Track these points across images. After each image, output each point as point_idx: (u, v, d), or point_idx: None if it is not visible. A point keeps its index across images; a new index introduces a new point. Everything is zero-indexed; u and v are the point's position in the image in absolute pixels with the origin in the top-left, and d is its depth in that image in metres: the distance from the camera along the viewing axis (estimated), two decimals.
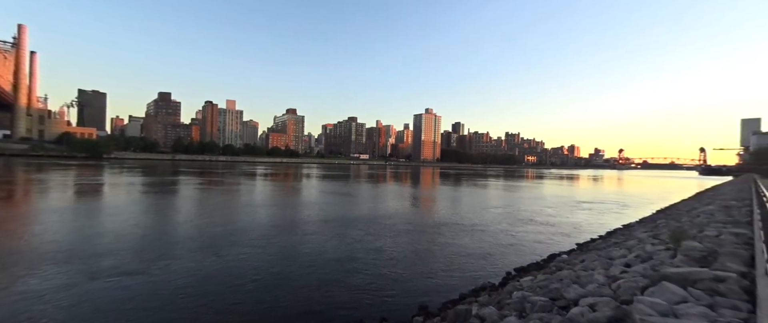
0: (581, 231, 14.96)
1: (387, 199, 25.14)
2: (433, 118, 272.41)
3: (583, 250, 11.24)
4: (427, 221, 16.57)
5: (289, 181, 41.93)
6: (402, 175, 67.91)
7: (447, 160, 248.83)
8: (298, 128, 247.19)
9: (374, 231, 13.53)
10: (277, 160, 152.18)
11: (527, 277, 7.97)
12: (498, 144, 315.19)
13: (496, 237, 13.25)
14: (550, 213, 20.57)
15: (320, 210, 18.86)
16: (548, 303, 4.88)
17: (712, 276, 4.19)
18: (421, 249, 11.25)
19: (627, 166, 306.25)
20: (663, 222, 13.22)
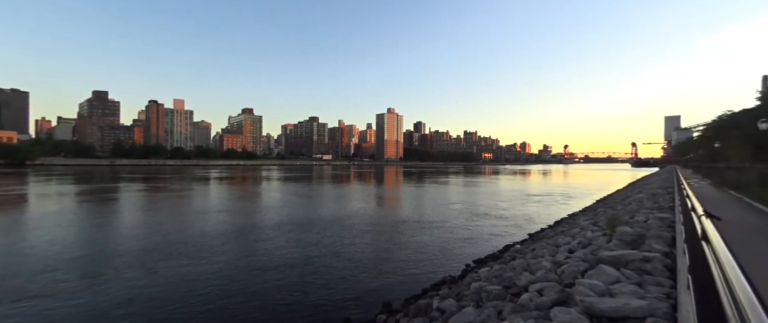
0: (532, 223, 16.00)
1: (348, 200, 24.92)
2: (396, 117, 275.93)
3: (534, 240, 12.02)
4: (389, 220, 16.66)
5: (245, 185, 39.96)
6: (365, 175, 67.91)
7: (410, 159, 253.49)
8: (255, 129, 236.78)
9: (334, 233, 13.25)
10: (233, 162, 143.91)
11: (484, 268, 8.34)
12: (457, 142, 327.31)
13: (455, 232, 13.73)
14: (505, 206, 21.77)
15: (277, 213, 18.02)
16: (502, 291, 5.13)
17: (641, 257, 4.69)
18: (384, 248, 11.30)
19: (571, 161, 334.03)
20: (602, 211, 14.59)
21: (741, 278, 1.00)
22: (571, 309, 3.12)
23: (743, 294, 0.88)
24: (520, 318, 3.29)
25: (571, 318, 2.90)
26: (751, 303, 0.80)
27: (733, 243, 5.43)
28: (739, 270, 1.11)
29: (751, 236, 6.66)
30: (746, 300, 0.84)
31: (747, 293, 0.89)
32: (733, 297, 0.93)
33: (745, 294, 0.87)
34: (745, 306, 0.82)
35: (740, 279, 1.00)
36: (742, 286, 0.93)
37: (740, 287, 0.93)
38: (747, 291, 0.90)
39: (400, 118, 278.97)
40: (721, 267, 1.18)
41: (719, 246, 1.46)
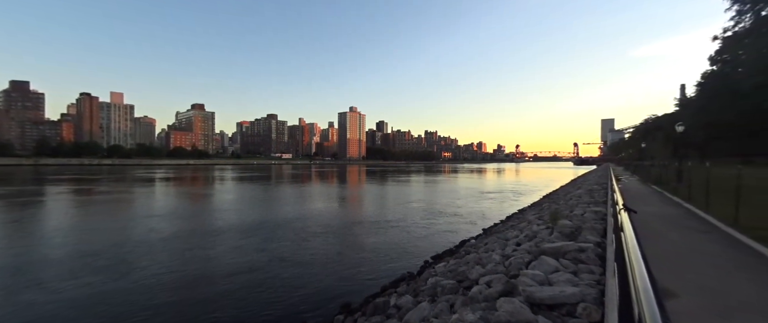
0: (486, 218, 16.85)
1: (307, 200, 24.29)
2: (358, 116, 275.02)
3: (487, 234, 12.65)
4: (349, 220, 16.46)
5: (193, 186, 37.27)
6: (327, 174, 66.83)
7: (372, 158, 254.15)
8: (207, 126, 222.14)
9: (290, 236, 12.67)
10: (181, 162, 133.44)
11: (441, 263, 8.60)
12: (419, 141, 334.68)
13: (415, 230, 14.01)
14: (462, 204, 22.69)
15: (226, 217, 16.80)
16: (455, 285, 5.33)
17: (577, 247, 5.14)
18: (344, 249, 11.17)
19: (522, 159, 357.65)
20: (547, 206, 15.78)
21: (641, 265, 1.12)
22: (514, 299, 3.32)
23: (641, 280, 0.98)
24: (470, 310, 3.43)
25: (513, 308, 3.08)
26: (646, 288, 0.89)
27: (652, 230, 6.15)
28: (641, 257, 1.24)
29: (665, 225, 7.61)
30: (642, 286, 0.93)
31: (644, 279, 0.99)
32: (634, 282, 1.02)
33: (643, 280, 0.97)
34: (640, 289, 0.91)
35: (641, 265, 1.12)
36: (641, 273, 1.04)
37: (640, 273, 1.03)
38: (644, 278, 1.00)
39: (362, 117, 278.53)
40: (628, 255, 1.31)
41: (629, 235, 1.63)
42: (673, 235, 6.57)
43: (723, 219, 7.70)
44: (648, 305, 0.79)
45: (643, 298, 0.83)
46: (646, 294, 0.86)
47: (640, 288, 0.91)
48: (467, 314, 3.31)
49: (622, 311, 1.39)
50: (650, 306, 0.78)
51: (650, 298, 0.83)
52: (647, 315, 0.76)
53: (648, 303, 0.80)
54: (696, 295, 3.61)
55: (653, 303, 0.80)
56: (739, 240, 6.09)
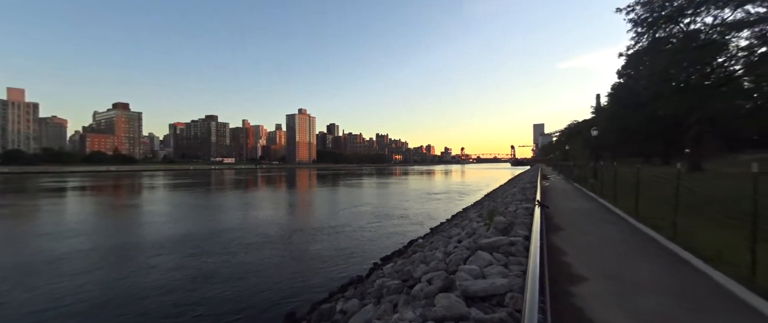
0: (433, 218, 17.50)
1: (249, 207, 22.81)
2: (308, 118, 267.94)
3: (433, 233, 13.15)
4: (297, 226, 15.74)
5: (111, 196, 32.92)
6: (274, 179, 63.86)
7: (323, 161, 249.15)
8: (132, 128, 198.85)
9: (226, 248, 11.43)
10: (100, 168, 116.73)
11: (389, 264, 8.72)
12: (370, 144, 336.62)
13: (366, 233, 14.01)
14: (412, 205, 23.31)
15: (142, 232, 14.37)
16: (400, 285, 5.44)
17: (508, 241, 5.58)
18: (290, 257, 10.70)
19: (467, 161, 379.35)
20: (487, 204, 16.93)
21: (537, 255, 1.24)
22: (451, 294, 3.49)
23: (532, 267, 1.08)
24: (410, 309, 3.52)
25: (449, 302, 3.24)
26: (534, 274, 0.99)
27: (572, 223, 6.90)
28: (538, 248, 1.39)
29: (583, 218, 8.63)
30: (532, 273, 1.03)
31: (535, 266, 1.10)
32: (530, 268, 1.11)
33: (533, 267, 1.07)
34: (530, 276, 1.00)
35: (536, 256, 1.24)
36: (535, 260, 1.15)
37: (533, 263, 1.14)
38: (535, 265, 1.11)
39: (312, 120, 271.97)
40: (531, 246, 1.45)
41: (536, 227, 1.80)
42: (589, 227, 7.48)
43: (627, 211, 8.97)
44: (531, 291, 0.88)
45: (529, 285, 0.92)
46: (532, 281, 0.96)
47: (530, 276, 1.01)
48: (408, 312, 3.39)
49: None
50: (532, 293, 0.87)
51: (535, 285, 0.92)
52: (528, 300, 0.84)
53: (532, 290, 0.89)
54: (602, 279, 4.15)
55: (536, 290, 0.89)
56: (639, 228, 7.14)
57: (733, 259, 4.39)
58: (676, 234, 5.85)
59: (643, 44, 25.06)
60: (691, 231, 5.89)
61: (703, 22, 22.26)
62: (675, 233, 5.87)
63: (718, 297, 3.60)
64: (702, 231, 5.84)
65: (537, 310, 0.76)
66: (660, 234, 6.27)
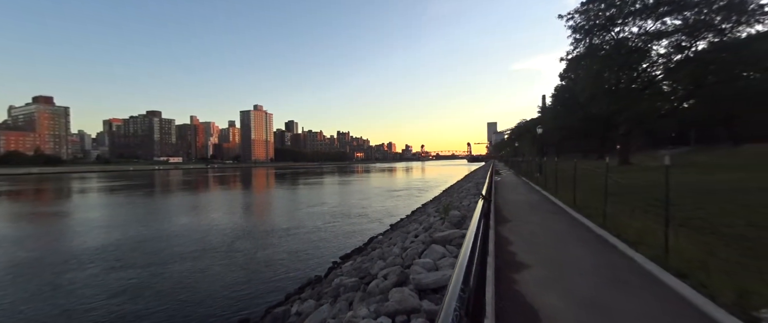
0: (393, 215, 17.72)
1: (198, 211, 21.05)
2: (264, 115, 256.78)
3: (393, 229, 13.33)
4: (250, 229, 14.83)
5: (34, 203, 29.02)
6: (228, 179, 60.36)
7: (282, 160, 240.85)
8: (57, 124, 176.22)
9: (161, 257, 10.40)
10: (19, 171, 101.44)
11: (348, 263, 8.66)
12: (331, 142, 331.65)
13: (325, 232, 13.77)
14: (374, 202, 23.40)
15: (64, 243, 12.70)
16: (357, 282, 5.42)
17: (461, 234, 5.81)
18: (244, 261, 10.09)
19: (427, 158, 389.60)
20: (444, 199, 17.53)
21: (468, 246, 1.27)
22: (404, 288, 3.54)
23: (462, 256, 1.10)
24: (365, 305, 3.51)
25: (402, 296, 3.28)
26: (462, 264, 1.00)
27: (519, 215, 7.34)
28: (471, 239, 1.43)
29: (529, 209, 9.26)
30: (460, 262, 1.04)
31: (464, 255, 1.12)
32: (459, 260, 1.13)
33: (463, 256, 1.09)
34: (458, 265, 1.01)
35: (468, 244, 1.28)
36: (465, 250, 1.18)
37: (463, 253, 1.16)
38: (465, 254, 1.14)
39: (269, 116, 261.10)
40: (467, 237, 1.49)
41: (473, 220, 1.86)
42: (533, 218, 8.04)
43: (566, 202, 9.79)
44: (455, 282, 0.89)
45: (454, 276, 0.93)
46: (459, 270, 0.97)
47: (458, 264, 1.03)
48: (361, 309, 3.37)
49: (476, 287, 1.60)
50: (456, 283, 0.88)
51: (460, 276, 0.93)
52: (449, 290, 0.85)
53: (456, 280, 0.90)
54: (542, 265, 4.47)
55: (459, 280, 0.90)
56: (576, 217, 7.82)
57: (652, 242, 4.98)
58: (605, 221, 6.50)
59: (581, 49, 27.49)
60: (618, 218, 6.58)
61: (631, 31, 24.98)
62: (605, 221, 6.52)
63: (639, 277, 4.05)
64: (627, 218, 6.55)
65: (456, 299, 0.77)
66: (593, 222, 6.93)
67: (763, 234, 5.34)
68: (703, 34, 23.12)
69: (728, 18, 21.99)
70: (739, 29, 22.31)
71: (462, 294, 0.84)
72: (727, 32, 22.51)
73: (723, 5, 21.68)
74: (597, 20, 25.61)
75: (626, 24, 24.76)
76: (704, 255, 4.28)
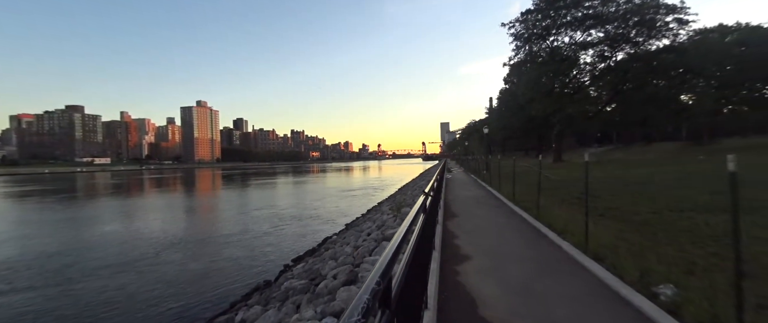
0: (348, 215, 17.60)
1: (125, 218, 18.54)
2: (209, 112, 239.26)
3: (348, 229, 13.26)
4: (188, 237, 13.26)
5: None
6: (166, 182, 55.23)
7: (230, 160, 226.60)
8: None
9: (82, 272, 9.08)
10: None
11: (300, 265, 8.42)
12: (284, 141, 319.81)
13: (275, 236, 13.12)
14: (328, 203, 23.01)
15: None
16: (307, 284, 5.30)
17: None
18: (176, 273, 8.96)
19: (383, 157, 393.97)
20: (399, 197, 17.87)
21: (397, 240, 1.31)
22: (352, 287, 3.54)
23: (385, 253, 1.12)
24: (312, 307, 3.44)
25: (350, 295, 3.28)
26: (383, 261, 1.03)
27: (466, 209, 7.73)
28: (402, 233, 1.47)
29: (475, 204, 9.82)
30: (381, 259, 1.06)
31: (391, 247, 1.15)
32: (382, 257, 1.15)
33: (386, 253, 1.12)
34: (379, 261, 1.03)
35: (396, 240, 1.31)
36: (392, 247, 1.21)
37: (388, 248, 1.19)
38: (392, 247, 1.17)
39: (215, 114, 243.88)
40: (398, 231, 1.53)
41: (410, 215, 1.93)
42: (478, 212, 8.54)
43: (508, 197, 10.54)
44: (372, 276, 0.90)
45: (374, 270, 0.95)
46: (379, 265, 0.99)
47: (380, 261, 1.05)
48: (308, 311, 3.31)
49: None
50: (373, 277, 0.90)
51: (378, 270, 0.95)
52: (366, 281, 0.86)
53: (373, 275, 0.92)
54: (483, 256, 4.77)
55: (377, 274, 0.92)
56: (515, 210, 8.46)
57: (575, 230, 5.56)
58: (539, 214, 7.12)
59: (522, 56, 29.80)
60: (550, 210, 7.25)
61: (563, 41, 27.65)
62: (538, 213, 7.15)
63: (564, 262, 4.51)
64: (556, 210, 7.25)
65: (369, 292, 0.79)
66: (529, 214, 7.55)
67: (663, 219, 6.26)
68: (621, 45, 26.44)
69: (641, 32, 25.39)
70: (650, 42, 25.90)
71: (377, 287, 0.87)
72: (641, 45, 26.00)
73: (637, 21, 24.97)
74: (534, 30, 27.94)
75: (559, 34, 27.37)
76: (616, 241, 4.90)
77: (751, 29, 31.73)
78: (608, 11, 25.35)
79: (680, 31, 25.01)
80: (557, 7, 26.28)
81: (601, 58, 27.59)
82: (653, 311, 2.96)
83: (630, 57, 26.53)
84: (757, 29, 30.72)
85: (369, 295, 0.79)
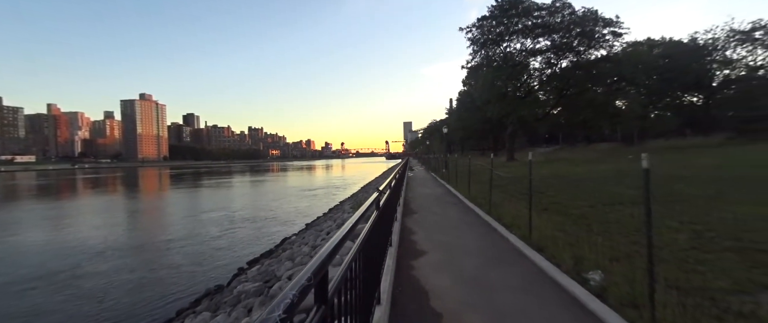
0: (308, 215, 17.22)
1: (47, 224, 16.04)
2: (155, 106, 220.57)
3: (308, 228, 12.98)
4: (123, 244, 11.86)
5: None
6: (102, 182, 49.97)
7: (179, 158, 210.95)
8: None
9: (40, 282, 8.27)
10: None
11: (255, 267, 8.09)
12: (242, 139, 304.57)
13: (226, 239, 12.24)
14: (287, 203, 22.33)
15: None
16: (261, 287, 5.11)
17: None
18: (122, 281, 8.32)
19: (347, 155, 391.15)
20: (361, 196, 17.87)
21: (338, 236, 1.32)
22: None
23: (319, 253, 1.13)
24: (265, 309, 3.32)
25: None
26: (322, 252, 1.03)
27: (425, 206, 7.93)
28: (345, 231, 1.48)
29: (433, 201, 10.13)
30: (321, 251, 1.06)
31: (330, 245, 1.16)
32: (317, 256, 1.16)
33: (327, 246, 1.12)
34: (311, 260, 1.03)
35: (337, 236, 1.32)
36: (331, 242, 1.21)
37: (329, 244, 1.19)
38: (330, 245, 1.17)
39: (161, 108, 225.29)
40: (340, 230, 1.54)
41: (357, 213, 1.95)
42: (436, 209, 8.82)
43: (464, 194, 11.00)
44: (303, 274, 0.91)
45: (306, 268, 0.95)
46: (312, 264, 1.00)
47: (319, 253, 1.05)
48: (257, 313, 3.19)
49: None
50: (304, 274, 0.90)
51: (310, 268, 0.96)
52: (295, 279, 0.86)
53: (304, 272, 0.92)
54: (438, 251, 4.95)
55: (309, 271, 0.93)
56: (469, 207, 8.86)
57: (522, 224, 5.96)
58: (491, 209, 7.53)
59: (478, 60, 31.22)
60: (501, 205, 7.70)
61: (515, 47, 29.41)
62: (490, 209, 7.56)
63: (511, 253, 4.82)
64: (507, 205, 7.71)
65: (297, 288, 0.79)
66: (482, 209, 7.96)
67: (596, 212, 6.93)
68: (566, 54, 28.75)
69: (582, 42, 27.81)
70: (590, 52, 28.47)
71: (307, 283, 0.88)
72: (582, 54, 28.48)
73: (579, 32, 27.31)
74: (489, 35, 29.43)
75: (511, 41, 29.09)
76: (556, 232, 5.33)
77: (674, 43, 36.27)
78: (554, 21, 27.45)
79: (615, 42, 27.82)
80: (510, 16, 27.92)
81: (548, 64, 29.81)
82: (584, 295, 3.27)
83: (573, 65, 28.97)
84: (679, 44, 35.20)
85: (296, 291, 0.80)
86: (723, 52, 30.97)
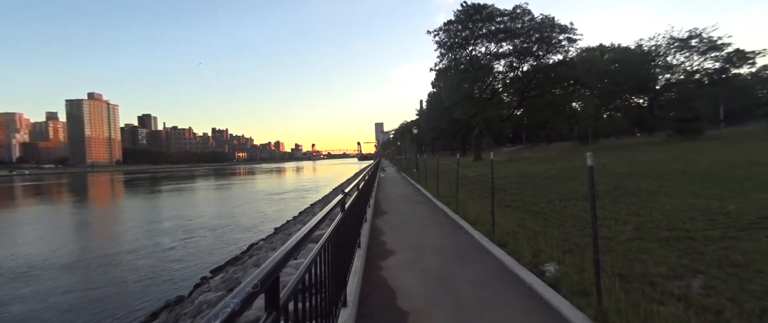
0: (276, 220, 16.72)
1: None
2: (106, 106, 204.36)
3: (276, 233, 12.62)
4: (60, 258, 10.82)
5: None
6: (45, 189, 45.38)
7: (135, 162, 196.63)
8: None
9: None
10: None
11: (219, 276, 7.74)
12: (204, 141, 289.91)
13: (184, 249, 11.40)
14: (253, 208, 21.55)
15: None
16: (223, 295, 4.91)
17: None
18: (60, 301, 7.75)
19: (318, 157, 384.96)
20: (331, 197, 17.65)
21: (293, 241, 1.31)
22: None
23: (276, 253, 1.11)
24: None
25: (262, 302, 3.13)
26: (272, 259, 1.01)
27: (394, 206, 7.99)
28: (302, 235, 1.48)
29: (403, 201, 10.25)
30: (271, 257, 1.04)
31: (282, 250, 1.14)
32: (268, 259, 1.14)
33: (279, 252, 1.11)
34: (268, 260, 1.01)
35: (293, 241, 1.31)
36: (284, 247, 1.20)
37: (282, 248, 1.18)
38: (283, 251, 1.16)
39: (113, 108, 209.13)
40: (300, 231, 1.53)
41: (318, 216, 1.95)
42: (405, 208, 8.94)
43: (433, 193, 11.24)
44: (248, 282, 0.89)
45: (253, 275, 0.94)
46: (259, 270, 0.99)
47: (269, 259, 1.04)
48: None
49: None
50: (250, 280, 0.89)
51: (258, 275, 0.95)
52: (239, 287, 0.85)
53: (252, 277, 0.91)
54: (406, 250, 5.02)
55: (258, 278, 0.91)
56: (438, 205, 9.07)
57: (485, 220, 6.20)
58: (458, 207, 7.76)
59: (446, 62, 32.03)
60: (466, 204, 7.95)
61: (480, 50, 30.50)
62: (457, 207, 7.79)
63: (475, 250, 4.99)
64: (472, 203, 7.98)
65: (241, 296, 0.78)
66: (449, 208, 8.18)
67: (554, 208, 7.36)
68: (526, 58, 30.26)
69: (542, 47, 29.42)
70: (549, 56, 30.18)
71: (253, 290, 0.87)
72: (541, 58, 30.13)
73: (538, 37, 28.87)
74: (456, 39, 30.31)
75: (477, 44, 30.15)
76: (517, 228, 5.60)
77: (622, 50, 39.40)
78: (516, 27, 28.84)
79: (570, 48, 29.73)
80: (475, 20, 28.95)
81: (511, 67, 31.25)
82: (540, 286, 3.46)
83: (533, 68, 30.59)
84: (627, 50, 38.27)
85: (238, 300, 0.78)
86: (664, 58, 34.11)
